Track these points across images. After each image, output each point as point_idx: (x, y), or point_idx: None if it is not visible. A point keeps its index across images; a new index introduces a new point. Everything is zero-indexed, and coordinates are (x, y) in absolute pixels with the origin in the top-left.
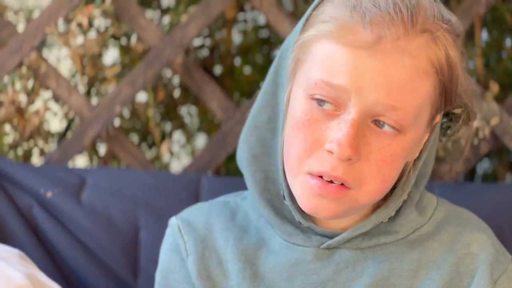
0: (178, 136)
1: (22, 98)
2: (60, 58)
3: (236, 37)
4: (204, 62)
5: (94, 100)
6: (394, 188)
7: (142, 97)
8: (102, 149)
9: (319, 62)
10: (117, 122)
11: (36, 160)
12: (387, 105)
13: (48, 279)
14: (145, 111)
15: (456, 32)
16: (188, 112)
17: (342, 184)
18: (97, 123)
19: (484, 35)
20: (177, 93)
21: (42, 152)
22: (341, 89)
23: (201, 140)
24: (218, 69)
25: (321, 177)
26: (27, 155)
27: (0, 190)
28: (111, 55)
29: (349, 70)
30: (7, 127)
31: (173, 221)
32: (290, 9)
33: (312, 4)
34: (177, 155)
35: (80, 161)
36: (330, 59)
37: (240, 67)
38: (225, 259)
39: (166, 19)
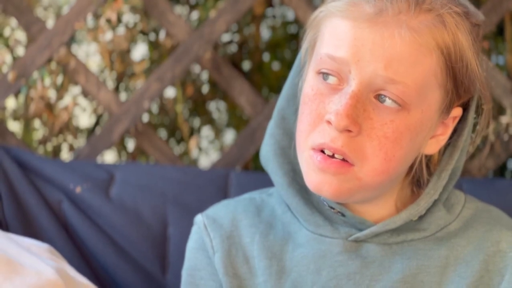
0: (206, 131)
1: (52, 94)
2: (89, 54)
3: (265, 33)
4: (232, 57)
5: (123, 96)
6: (420, 185)
7: (170, 92)
8: (130, 144)
9: (327, 38)
10: (145, 118)
11: (65, 155)
12: (386, 77)
13: (77, 274)
14: (173, 107)
15: (472, 20)
16: (216, 108)
17: (344, 160)
18: (125, 119)
19: None
20: (205, 89)
21: (71, 148)
22: (343, 61)
23: (229, 136)
24: (246, 65)
25: (323, 152)
26: (56, 150)
27: (29, 185)
28: (139, 51)
29: (349, 42)
30: (37, 123)
31: (199, 218)
32: (319, 5)
33: None
34: (206, 151)
35: (109, 157)
36: (335, 33)
37: (268, 63)
38: (252, 256)
39: (195, 15)
